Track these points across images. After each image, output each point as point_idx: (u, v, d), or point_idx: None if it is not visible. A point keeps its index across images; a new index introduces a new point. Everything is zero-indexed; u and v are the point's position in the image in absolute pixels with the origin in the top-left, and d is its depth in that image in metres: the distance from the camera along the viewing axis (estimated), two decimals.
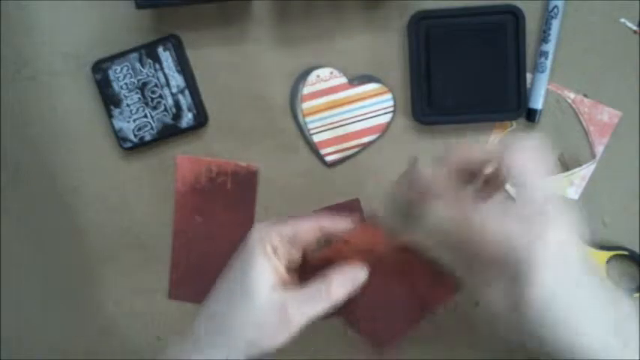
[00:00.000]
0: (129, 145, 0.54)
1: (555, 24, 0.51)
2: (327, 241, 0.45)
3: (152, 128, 0.54)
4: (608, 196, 0.53)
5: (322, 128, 0.54)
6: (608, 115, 0.52)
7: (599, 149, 0.52)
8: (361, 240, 0.44)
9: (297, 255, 0.44)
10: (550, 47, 0.51)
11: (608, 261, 0.52)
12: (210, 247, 0.57)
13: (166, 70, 0.53)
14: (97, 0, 0.54)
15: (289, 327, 0.41)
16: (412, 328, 0.47)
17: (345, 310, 0.45)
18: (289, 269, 0.44)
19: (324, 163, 0.54)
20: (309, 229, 0.44)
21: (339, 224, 0.44)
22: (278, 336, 0.41)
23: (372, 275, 0.44)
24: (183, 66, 0.53)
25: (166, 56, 0.53)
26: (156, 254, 0.57)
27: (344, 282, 0.43)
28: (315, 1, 0.52)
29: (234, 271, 0.44)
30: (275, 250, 0.43)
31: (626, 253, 0.52)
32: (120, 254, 0.57)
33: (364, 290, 0.44)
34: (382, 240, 0.44)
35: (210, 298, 0.44)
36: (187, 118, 0.54)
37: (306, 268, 0.45)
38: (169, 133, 0.54)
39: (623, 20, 0.51)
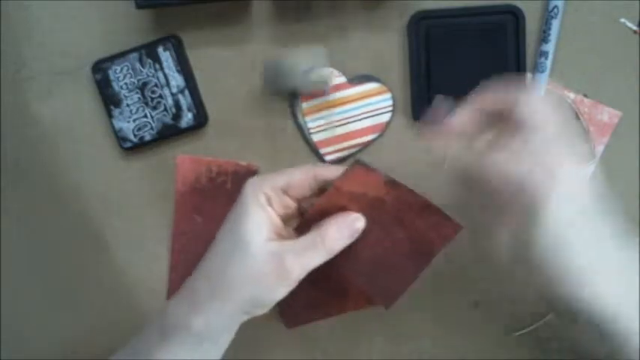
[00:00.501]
0: (129, 145, 0.54)
1: (555, 24, 0.51)
2: (321, 189, 0.44)
3: (152, 128, 0.54)
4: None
5: (322, 128, 0.54)
6: (608, 115, 0.52)
7: (599, 149, 0.52)
8: (354, 184, 0.43)
9: (292, 205, 0.44)
10: (550, 47, 0.51)
11: None
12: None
13: (166, 70, 0.53)
14: (97, 0, 0.54)
15: (287, 278, 0.41)
16: (415, 275, 0.46)
17: (347, 265, 0.45)
18: (286, 221, 0.44)
19: (324, 162, 0.54)
20: (303, 177, 0.43)
21: (333, 170, 0.43)
22: (276, 288, 0.41)
23: (370, 224, 0.44)
24: (183, 66, 0.53)
25: (166, 56, 0.53)
26: (155, 254, 0.57)
27: (340, 230, 0.42)
28: (315, 1, 0.52)
29: (228, 226, 0.43)
30: (269, 201, 0.43)
31: None
32: (119, 254, 0.57)
33: (363, 241, 0.44)
34: (375, 183, 0.43)
35: (205, 258, 0.44)
36: (187, 118, 0.54)
37: (304, 222, 0.45)
38: (169, 133, 0.54)
39: (623, 20, 0.51)
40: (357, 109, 0.53)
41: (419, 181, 0.54)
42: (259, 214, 0.42)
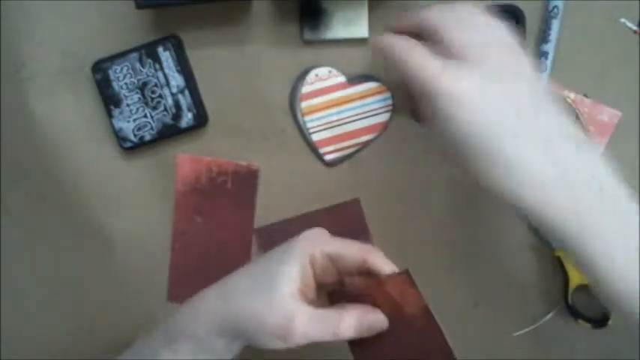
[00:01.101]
0: (129, 145, 0.54)
1: (555, 24, 0.51)
2: (366, 273, 0.44)
3: (152, 128, 0.54)
4: None
5: (321, 127, 0.54)
6: (608, 115, 0.52)
7: (599, 149, 0.52)
8: (395, 290, 0.42)
9: (333, 275, 0.44)
10: (550, 47, 0.51)
11: None
12: (210, 247, 0.57)
13: (166, 70, 0.53)
14: (97, 0, 0.54)
15: (287, 338, 0.40)
16: None
17: (355, 353, 0.45)
18: (320, 287, 0.44)
19: (324, 162, 0.54)
20: (355, 255, 0.43)
21: (385, 265, 0.43)
22: (272, 340, 0.41)
23: (390, 331, 0.43)
24: (183, 66, 0.53)
25: (166, 56, 0.53)
26: (155, 254, 0.57)
27: (360, 320, 0.42)
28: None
29: (264, 263, 0.43)
30: (313, 262, 0.42)
31: None
32: (119, 254, 0.57)
33: (377, 344, 0.43)
34: (415, 301, 0.42)
35: (228, 278, 0.44)
36: (187, 118, 0.54)
37: (336, 295, 0.45)
38: (169, 133, 0.54)
39: (623, 20, 0.51)
40: (356, 108, 0.53)
41: (418, 181, 0.54)
42: (297, 269, 0.42)
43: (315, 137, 0.54)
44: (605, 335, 0.53)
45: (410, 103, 0.49)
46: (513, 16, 0.51)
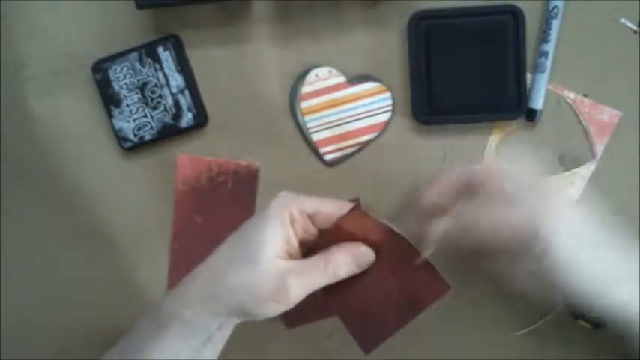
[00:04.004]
0: (129, 145, 0.54)
1: (555, 24, 0.51)
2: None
3: (152, 128, 0.54)
4: (608, 196, 0.53)
5: (321, 127, 0.54)
6: (608, 115, 0.52)
7: (599, 149, 0.52)
8: (354, 226, 0.43)
9: (314, 232, 0.44)
10: (550, 47, 0.51)
11: None
12: (210, 247, 0.56)
13: (166, 70, 0.53)
14: (97, 0, 0.54)
15: (284, 297, 0.40)
16: (400, 327, 0.47)
17: (336, 305, 0.45)
18: (303, 245, 0.44)
19: (324, 162, 0.54)
20: (332, 211, 0.44)
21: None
22: (270, 304, 0.41)
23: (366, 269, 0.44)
24: (183, 66, 0.53)
25: (166, 56, 0.53)
26: (155, 254, 0.57)
27: (346, 256, 0.43)
28: (315, 0, 0.52)
29: (243, 232, 0.43)
30: (292, 221, 0.43)
31: None
32: (119, 254, 0.57)
33: (356, 284, 0.44)
34: (375, 228, 0.43)
35: (211, 256, 0.44)
36: (187, 118, 0.54)
37: (308, 253, 0.45)
38: (169, 132, 0.54)
39: (623, 20, 0.51)
40: (356, 108, 0.53)
41: (418, 181, 0.54)
42: (277, 230, 0.42)
43: (315, 137, 0.54)
44: (605, 335, 0.53)
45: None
46: (513, 16, 0.51)
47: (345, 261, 0.43)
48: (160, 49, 0.53)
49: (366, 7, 0.52)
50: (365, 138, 0.54)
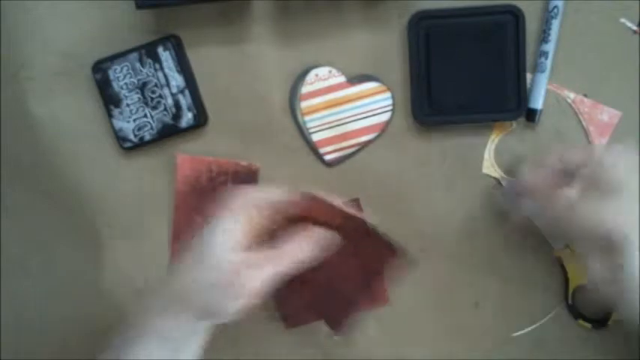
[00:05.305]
0: (129, 145, 0.54)
1: (555, 24, 0.51)
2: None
3: (152, 128, 0.54)
4: None
5: (321, 127, 0.54)
6: (608, 115, 0.52)
7: None
8: (313, 212, 0.44)
9: (280, 221, 0.45)
10: (550, 47, 0.51)
11: None
12: None
13: (166, 70, 0.53)
14: (97, 0, 0.54)
15: (241, 289, 0.40)
16: (361, 307, 0.48)
17: (300, 291, 0.46)
18: (272, 236, 0.44)
19: (324, 162, 0.54)
20: (285, 199, 0.44)
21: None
22: (231, 299, 0.41)
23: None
24: (183, 66, 0.53)
25: (166, 56, 0.53)
26: (155, 254, 0.57)
27: (300, 243, 0.43)
28: (315, 0, 0.52)
29: (201, 235, 0.44)
30: (249, 215, 0.43)
31: None
32: (119, 254, 0.57)
33: (324, 267, 0.44)
34: (331, 211, 0.44)
35: (177, 264, 0.44)
36: (187, 118, 0.54)
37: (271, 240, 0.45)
38: (169, 132, 0.54)
39: (623, 20, 0.51)
40: (356, 108, 0.53)
41: (418, 181, 0.54)
42: (231, 226, 0.42)
43: (315, 137, 0.54)
44: (605, 335, 0.53)
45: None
46: (513, 16, 0.51)
47: (300, 246, 0.43)
48: (160, 49, 0.53)
49: (366, 7, 0.52)
50: (365, 138, 0.54)
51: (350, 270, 0.46)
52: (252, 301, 0.41)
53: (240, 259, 0.41)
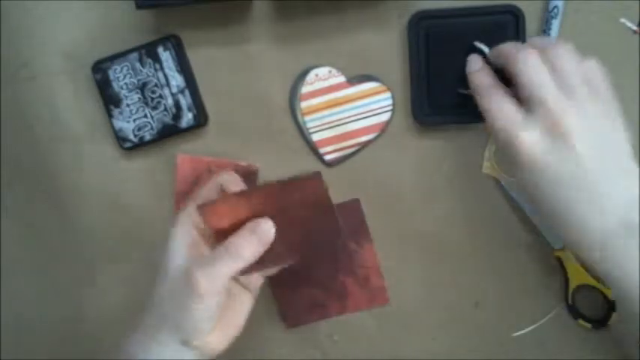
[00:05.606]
0: (129, 145, 0.54)
1: (555, 24, 0.51)
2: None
3: (152, 128, 0.54)
4: None
5: (321, 127, 0.54)
6: None
7: None
8: (225, 218, 0.44)
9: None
10: None
11: None
12: None
13: (166, 70, 0.53)
14: (97, 0, 0.54)
15: (196, 291, 0.40)
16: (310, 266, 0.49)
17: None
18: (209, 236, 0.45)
19: (324, 162, 0.54)
20: (211, 193, 0.46)
21: (231, 184, 0.47)
22: (191, 306, 0.41)
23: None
24: (184, 66, 0.53)
25: (166, 56, 0.53)
26: (155, 254, 0.57)
27: (242, 236, 0.43)
28: (315, 0, 0.52)
29: (160, 255, 0.45)
30: (194, 223, 0.45)
31: None
32: (119, 254, 0.57)
33: (272, 251, 0.44)
34: (245, 201, 0.44)
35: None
36: (187, 118, 0.54)
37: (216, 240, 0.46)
38: (169, 133, 0.54)
39: (623, 20, 0.51)
40: (356, 108, 0.53)
41: (418, 181, 0.54)
42: (180, 236, 0.44)
43: (315, 137, 0.54)
44: (605, 335, 0.53)
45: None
46: (513, 16, 0.51)
47: (243, 241, 0.43)
48: (160, 49, 0.53)
49: (366, 7, 0.52)
50: (365, 138, 0.54)
51: (293, 243, 0.45)
52: (212, 300, 0.41)
53: (191, 262, 0.42)
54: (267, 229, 0.44)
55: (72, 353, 0.59)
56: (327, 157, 0.54)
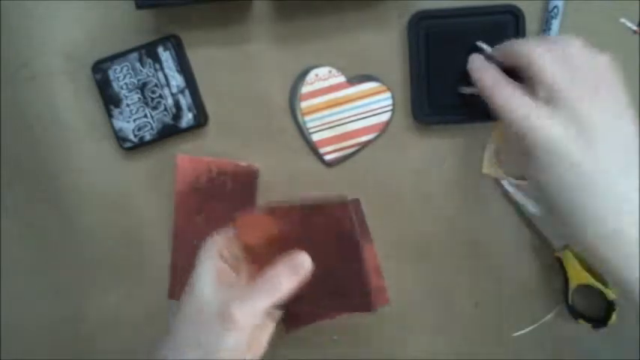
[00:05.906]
0: (129, 145, 0.54)
1: (555, 24, 0.51)
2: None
3: (152, 128, 0.54)
4: None
5: (321, 127, 0.54)
6: None
7: None
8: (253, 232, 0.45)
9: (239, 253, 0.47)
10: None
11: None
12: None
13: (166, 70, 0.53)
14: (96, 0, 0.54)
15: (232, 324, 0.41)
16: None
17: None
18: (238, 269, 0.47)
19: (324, 162, 0.54)
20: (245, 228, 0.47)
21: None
22: (223, 333, 0.42)
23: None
24: (184, 66, 0.53)
25: (166, 56, 0.53)
26: (156, 254, 0.57)
27: (282, 271, 0.44)
28: (315, 0, 0.52)
29: (188, 283, 0.46)
30: (221, 253, 0.46)
31: None
32: (120, 254, 0.57)
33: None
34: (265, 221, 0.45)
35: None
36: (187, 118, 0.54)
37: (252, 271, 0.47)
38: (169, 133, 0.54)
39: (623, 20, 0.51)
40: (356, 108, 0.53)
41: (418, 181, 0.54)
42: (209, 266, 0.45)
43: (315, 137, 0.54)
44: (605, 335, 0.53)
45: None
46: (513, 16, 0.51)
47: (281, 275, 0.44)
48: (160, 49, 0.53)
49: (366, 7, 0.52)
50: (365, 138, 0.54)
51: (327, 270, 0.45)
52: (247, 333, 0.42)
53: (227, 295, 0.43)
54: (303, 262, 0.44)
55: (72, 353, 0.59)
56: (327, 157, 0.54)
